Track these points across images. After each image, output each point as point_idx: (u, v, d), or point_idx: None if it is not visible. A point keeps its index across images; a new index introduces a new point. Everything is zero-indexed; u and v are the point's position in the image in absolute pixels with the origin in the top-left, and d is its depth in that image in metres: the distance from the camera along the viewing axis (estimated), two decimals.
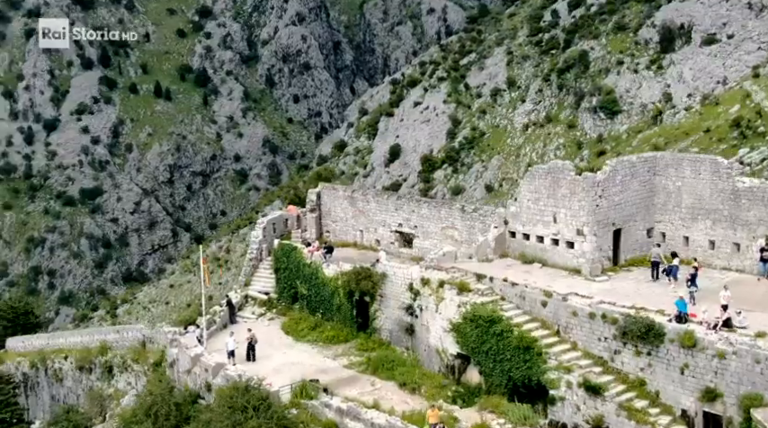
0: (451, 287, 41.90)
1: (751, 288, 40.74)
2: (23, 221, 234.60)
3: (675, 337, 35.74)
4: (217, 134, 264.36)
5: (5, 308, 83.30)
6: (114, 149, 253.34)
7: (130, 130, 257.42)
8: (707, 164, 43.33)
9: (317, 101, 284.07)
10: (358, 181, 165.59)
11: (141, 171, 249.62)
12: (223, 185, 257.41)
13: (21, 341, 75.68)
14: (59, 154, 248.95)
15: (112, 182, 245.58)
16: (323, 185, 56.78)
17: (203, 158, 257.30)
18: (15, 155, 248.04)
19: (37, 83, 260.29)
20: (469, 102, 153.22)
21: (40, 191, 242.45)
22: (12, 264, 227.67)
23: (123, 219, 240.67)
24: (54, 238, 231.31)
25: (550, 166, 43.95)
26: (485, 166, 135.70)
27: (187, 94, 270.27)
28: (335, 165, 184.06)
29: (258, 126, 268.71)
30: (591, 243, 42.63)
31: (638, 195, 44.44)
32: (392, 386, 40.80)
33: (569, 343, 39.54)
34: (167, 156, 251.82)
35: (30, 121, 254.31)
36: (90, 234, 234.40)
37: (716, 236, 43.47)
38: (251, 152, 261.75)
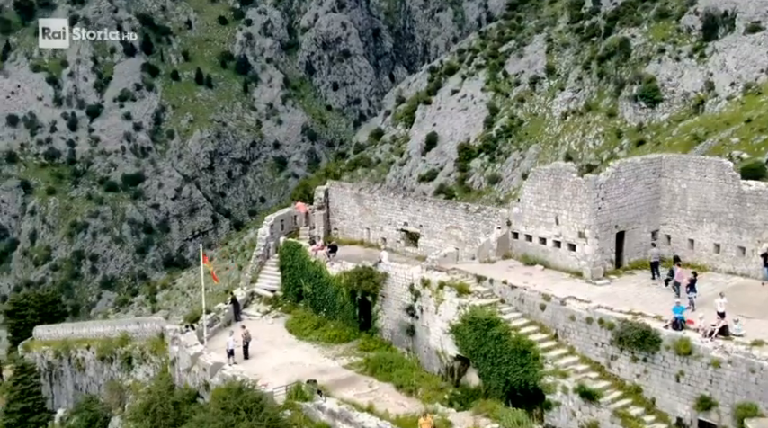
0: (451, 288, 41.68)
1: (754, 293, 40.04)
2: (67, 206, 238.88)
3: (671, 344, 35.24)
4: (256, 121, 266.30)
5: (33, 298, 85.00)
6: (156, 136, 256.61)
7: (172, 117, 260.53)
8: (712, 166, 42.51)
9: (355, 88, 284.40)
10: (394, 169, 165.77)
11: (182, 157, 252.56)
12: (262, 172, 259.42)
13: (47, 330, 77.20)
14: (102, 140, 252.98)
15: (154, 169, 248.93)
16: (331, 183, 56.84)
17: (243, 145, 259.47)
18: (59, 140, 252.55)
19: (81, 69, 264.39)
20: (508, 89, 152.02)
21: (84, 177, 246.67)
22: (55, 249, 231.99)
23: (164, 205, 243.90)
24: (96, 223, 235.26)
25: (552, 168, 43.50)
26: (522, 155, 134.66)
27: (228, 82, 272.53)
28: (372, 154, 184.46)
29: (297, 113, 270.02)
30: (592, 245, 42.13)
31: (643, 197, 43.78)
32: (389, 387, 40.80)
33: (567, 348, 39.18)
34: (208, 143, 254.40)
35: (73, 108, 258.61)
36: (132, 219, 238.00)
37: (721, 239, 42.68)
38: (290, 139, 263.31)
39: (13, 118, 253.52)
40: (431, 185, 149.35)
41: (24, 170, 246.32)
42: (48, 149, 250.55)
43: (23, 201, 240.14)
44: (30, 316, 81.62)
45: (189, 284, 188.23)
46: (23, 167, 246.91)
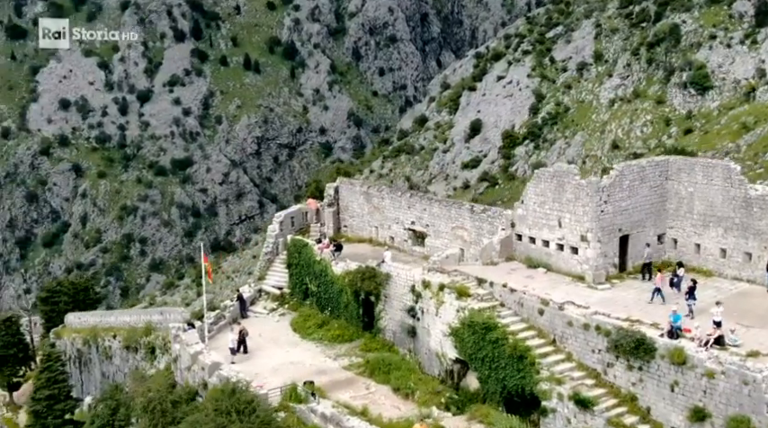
0: (451, 291, 41.60)
1: (758, 300, 39.24)
2: (117, 190, 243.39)
3: (666, 353, 34.82)
4: (303, 107, 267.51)
5: (66, 285, 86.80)
6: (204, 121, 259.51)
7: (220, 102, 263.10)
8: (719, 169, 41.66)
9: (402, 74, 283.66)
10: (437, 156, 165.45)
11: (230, 142, 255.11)
12: (308, 158, 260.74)
13: (77, 317, 78.84)
14: (152, 124, 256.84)
15: (202, 154, 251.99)
16: (341, 180, 56.87)
17: (290, 131, 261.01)
18: (110, 125, 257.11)
19: (131, 54, 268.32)
20: (554, 76, 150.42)
21: (134, 161, 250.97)
22: (105, 231, 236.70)
23: (212, 190, 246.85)
24: (146, 207, 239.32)
25: (555, 170, 43.00)
26: (568, 143, 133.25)
27: (275, 67, 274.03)
28: (416, 140, 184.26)
29: (343, 99, 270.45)
30: (595, 249, 41.65)
31: (648, 200, 43.07)
32: (387, 390, 40.84)
33: (564, 354, 38.88)
34: (255, 129, 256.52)
35: (124, 92, 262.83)
36: (180, 203, 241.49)
37: (727, 244, 41.87)
38: (336, 125, 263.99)
39: (66, 102, 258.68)
40: (474, 172, 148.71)
41: (76, 153, 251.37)
42: (99, 133, 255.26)
43: (75, 184, 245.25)
44: (62, 303, 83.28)
45: (234, 268, 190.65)
46: (75, 151, 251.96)
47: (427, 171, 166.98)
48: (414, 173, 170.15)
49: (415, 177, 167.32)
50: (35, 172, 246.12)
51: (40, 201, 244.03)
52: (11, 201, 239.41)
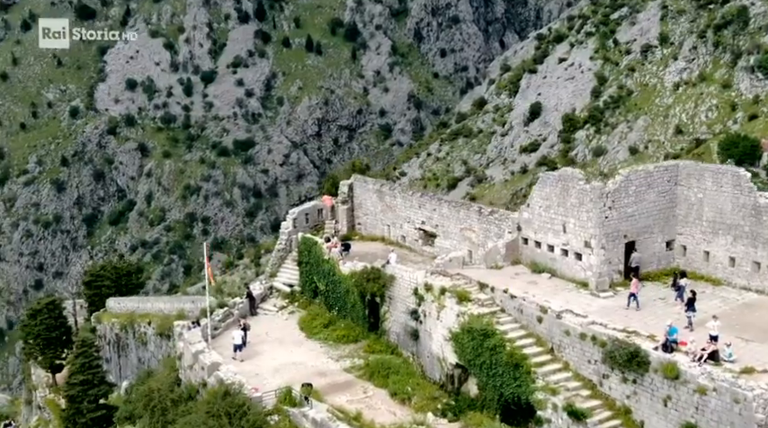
0: (452, 295, 41.26)
1: (764, 312, 38.04)
2: (181, 169, 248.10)
3: (659, 367, 34.11)
4: (363, 88, 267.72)
5: (109, 269, 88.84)
6: (266, 102, 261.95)
7: (282, 84, 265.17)
8: (728, 176, 40.34)
9: (463, 55, 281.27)
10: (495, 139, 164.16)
11: (291, 124, 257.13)
12: (368, 140, 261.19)
13: (117, 302, 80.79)
14: (215, 105, 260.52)
15: (264, 135, 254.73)
16: (355, 177, 56.67)
17: (350, 112, 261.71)
18: (175, 105, 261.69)
19: (196, 35, 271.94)
20: (617, 58, 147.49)
21: (197, 141, 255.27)
22: (169, 210, 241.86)
23: (273, 171, 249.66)
24: (209, 187, 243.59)
25: (561, 173, 42.16)
26: (630, 127, 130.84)
27: (337, 49, 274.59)
28: (474, 123, 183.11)
29: (404, 81, 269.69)
30: (598, 256, 40.78)
31: (656, 206, 41.94)
32: (384, 394, 40.61)
33: (561, 363, 38.29)
34: (316, 110, 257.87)
35: (189, 73, 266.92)
36: (242, 184, 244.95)
37: (736, 252, 40.59)
38: (396, 107, 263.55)
39: (132, 82, 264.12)
40: (532, 157, 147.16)
41: (142, 133, 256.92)
42: (164, 113, 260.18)
43: (140, 164, 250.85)
44: (105, 287, 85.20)
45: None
46: (141, 131, 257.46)
47: (485, 155, 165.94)
48: (471, 156, 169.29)
49: (472, 161, 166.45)
50: (102, 151, 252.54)
51: (106, 180, 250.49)
52: (78, 180, 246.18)
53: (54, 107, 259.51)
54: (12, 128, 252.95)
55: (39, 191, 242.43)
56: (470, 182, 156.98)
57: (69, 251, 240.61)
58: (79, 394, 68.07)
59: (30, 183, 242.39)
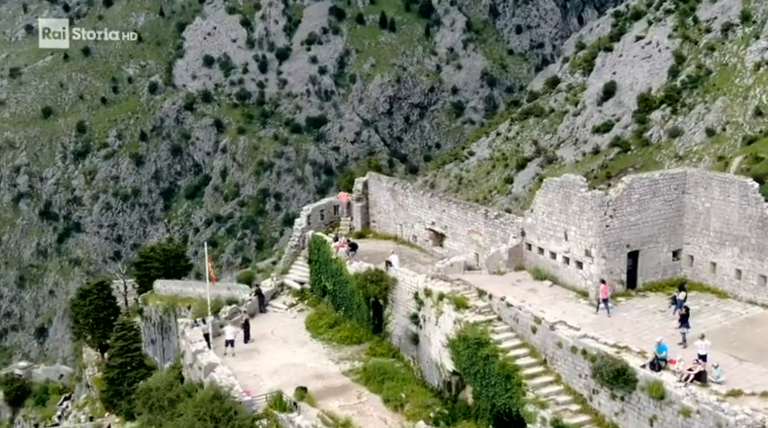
0: (450, 301, 40.76)
1: (765, 329, 36.53)
2: (255, 146, 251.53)
3: (646, 385, 33.22)
4: (436, 66, 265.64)
5: (158, 251, 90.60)
6: (339, 79, 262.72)
7: (355, 61, 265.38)
8: (736, 186, 38.65)
9: (540, 31, 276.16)
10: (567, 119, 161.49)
11: (363, 101, 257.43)
12: (439, 118, 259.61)
13: (163, 285, 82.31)
14: (289, 82, 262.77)
15: (336, 112, 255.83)
16: (370, 174, 56.21)
17: (422, 90, 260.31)
18: (250, 82, 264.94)
19: (272, 12, 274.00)
20: (697, 37, 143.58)
21: (271, 118, 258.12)
22: (243, 186, 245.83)
23: (344, 148, 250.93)
24: (281, 163, 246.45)
25: (563, 180, 41.02)
26: (707, 108, 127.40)
27: (410, 25, 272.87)
28: (546, 103, 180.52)
29: (478, 58, 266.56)
30: (599, 265, 39.72)
31: (662, 215, 40.47)
32: (378, 400, 40.29)
33: (554, 376, 37.48)
34: (387, 88, 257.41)
35: (264, 50, 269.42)
36: (314, 160, 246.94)
37: (743, 265, 38.96)
38: (468, 85, 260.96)
39: (209, 59, 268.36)
40: (605, 137, 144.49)
41: (218, 109, 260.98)
42: (239, 90, 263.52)
43: (216, 139, 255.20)
44: (154, 269, 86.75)
45: None
46: (217, 107, 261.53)
47: (556, 135, 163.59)
48: (541, 136, 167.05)
49: (543, 141, 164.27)
50: (180, 126, 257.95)
51: (183, 155, 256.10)
52: (156, 154, 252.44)
53: (134, 82, 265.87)
54: (93, 102, 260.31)
55: (118, 164, 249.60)
56: (540, 162, 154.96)
57: (147, 223, 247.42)
58: (118, 376, 70.20)
59: (109, 157, 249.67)
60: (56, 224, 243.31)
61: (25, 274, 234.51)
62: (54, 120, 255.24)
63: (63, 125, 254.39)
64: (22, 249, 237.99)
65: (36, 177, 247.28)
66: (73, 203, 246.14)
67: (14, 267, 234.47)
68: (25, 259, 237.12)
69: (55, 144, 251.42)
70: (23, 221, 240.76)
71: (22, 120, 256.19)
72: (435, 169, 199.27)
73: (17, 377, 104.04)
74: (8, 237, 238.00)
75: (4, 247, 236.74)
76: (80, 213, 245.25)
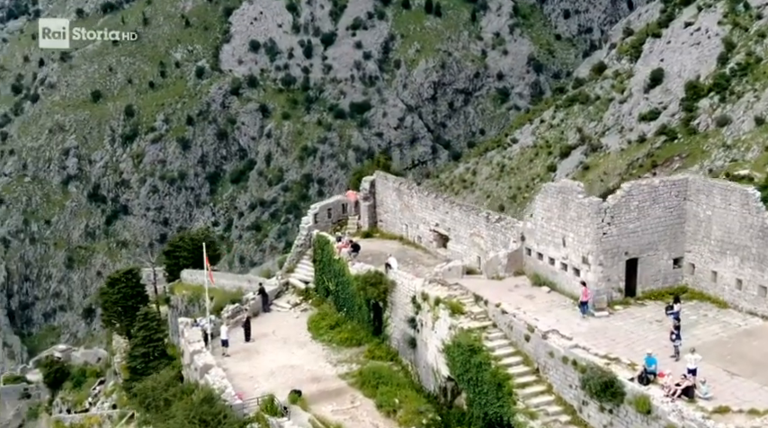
0: (445, 307, 40.40)
1: (762, 343, 35.44)
2: (299, 131, 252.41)
3: (633, 399, 32.67)
4: (482, 51, 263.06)
5: (187, 240, 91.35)
6: (383, 65, 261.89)
7: (400, 46, 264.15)
8: (737, 194, 37.53)
9: (588, 16, 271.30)
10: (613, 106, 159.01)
11: (407, 87, 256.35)
12: (484, 104, 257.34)
13: (189, 274, 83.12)
14: (334, 68, 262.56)
15: (380, 98, 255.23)
16: (377, 173, 55.76)
17: (467, 76, 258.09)
18: (295, 67, 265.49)
19: None
20: (748, 23, 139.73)
21: (315, 103, 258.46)
22: (287, 171, 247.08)
23: (387, 134, 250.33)
24: (324, 149, 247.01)
25: (561, 185, 40.21)
26: (757, 97, 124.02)
27: (456, 10, 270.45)
28: (591, 89, 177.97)
29: (524, 43, 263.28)
30: (595, 273, 38.94)
31: (662, 222, 39.45)
32: (371, 405, 40.01)
33: (545, 385, 37.01)
34: (432, 73, 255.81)
35: (309, 35, 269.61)
36: (357, 146, 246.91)
37: (743, 275, 37.84)
38: (514, 70, 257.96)
39: (255, 43, 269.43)
40: (651, 126, 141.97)
41: (263, 94, 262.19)
42: (285, 75, 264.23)
43: (261, 124, 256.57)
44: (182, 258, 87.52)
45: None
46: (262, 92, 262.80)
47: (601, 122, 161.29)
48: (586, 124, 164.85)
49: (588, 129, 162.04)
50: (226, 111, 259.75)
51: (229, 139, 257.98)
52: (203, 138, 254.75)
53: (181, 67, 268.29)
54: (141, 86, 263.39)
55: (165, 148, 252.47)
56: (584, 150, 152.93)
57: (193, 207, 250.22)
58: (140, 366, 70.99)
59: (157, 141, 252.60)
60: (104, 206, 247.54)
61: (74, 255, 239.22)
62: (103, 103, 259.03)
63: (112, 109, 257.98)
64: (71, 230, 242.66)
65: (85, 160, 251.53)
66: (121, 186, 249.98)
67: (63, 248, 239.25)
68: (74, 240, 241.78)
69: (104, 127, 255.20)
70: (72, 203, 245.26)
71: (72, 103, 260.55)
72: (477, 156, 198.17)
73: (56, 359, 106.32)
74: (57, 219, 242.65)
75: (53, 229, 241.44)
76: (128, 196, 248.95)
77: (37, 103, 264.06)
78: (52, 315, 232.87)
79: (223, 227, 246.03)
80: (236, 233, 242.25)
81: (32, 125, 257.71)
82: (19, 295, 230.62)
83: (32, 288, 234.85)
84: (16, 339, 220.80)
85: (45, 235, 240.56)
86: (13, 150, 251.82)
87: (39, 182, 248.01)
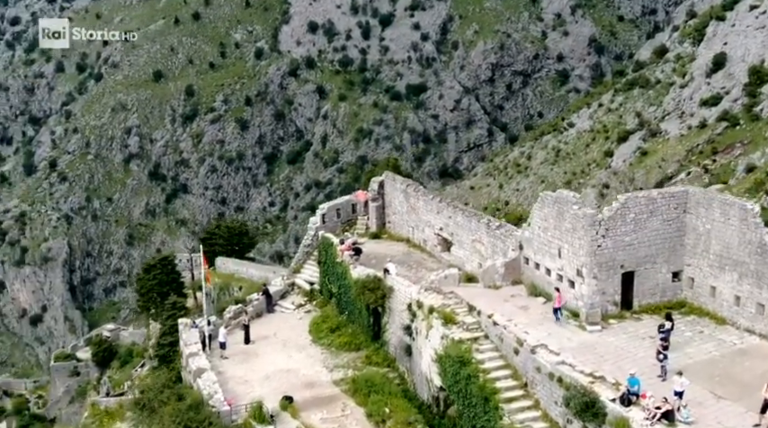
0: (438, 316, 39.92)
1: (755, 363, 34.20)
2: (355, 113, 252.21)
3: (614, 421, 31.94)
4: (542, 32, 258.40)
5: (223, 228, 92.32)
6: (441, 46, 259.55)
7: (458, 27, 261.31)
8: (736, 208, 36.07)
9: None
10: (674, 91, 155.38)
11: (464, 69, 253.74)
12: (543, 86, 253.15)
13: (223, 262, 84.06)
14: (391, 49, 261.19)
15: (436, 80, 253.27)
16: (386, 174, 55.05)
17: (525, 57, 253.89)
18: (353, 48, 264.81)
19: None
20: None
21: (372, 85, 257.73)
22: (342, 152, 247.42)
23: (443, 116, 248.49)
24: (380, 131, 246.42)
25: (557, 196, 39.20)
26: None
27: None
28: (652, 73, 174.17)
29: (586, 24, 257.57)
30: (590, 286, 37.94)
31: (660, 234, 38.14)
32: (361, 413, 39.60)
33: (533, 400, 36.36)
34: (490, 55, 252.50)
35: (368, 16, 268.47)
36: (412, 128, 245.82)
37: (742, 291, 36.47)
38: (575, 52, 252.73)
39: (314, 25, 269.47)
40: (713, 111, 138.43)
41: (320, 76, 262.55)
42: (342, 57, 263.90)
43: (318, 106, 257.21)
44: (218, 246, 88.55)
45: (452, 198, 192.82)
46: (320, 73, 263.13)
47: (660, 107, 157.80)
48: (645, 108, 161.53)
49: (647, 113, 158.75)
50: (283, 92, 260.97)
51: (286, 120, 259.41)
52: (260, 119, 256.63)
53: (241, 48, 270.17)
54: (202, 67, 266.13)
55: (224, 128, 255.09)
56: (643, 135, 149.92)
57: (250, 187, 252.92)
58: (168, 354, 72.24)
59: (216, 121, 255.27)
60: (164, 185, 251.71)
61: (134, 232, 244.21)
62: (164, 83, 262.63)
63: (173, 88, 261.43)
64: (132, 208, 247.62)
65: (146, 139, 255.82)
66: (180, 165, 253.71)
67: (124, 225, 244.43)
68: (134, 218, 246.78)
69: (164, 107, 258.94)
70: (134, 181, 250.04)
71: (134, 82, 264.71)
72: (532, 140, 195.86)
73: (105, 338, 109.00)
74: (119, 196, 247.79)
75: (114, 206, 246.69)
76: (187, 175, 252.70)
77: (100, 82, 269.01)
78: (112, 290, 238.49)
79: (279, 208, 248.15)
80: (291, 213, 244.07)
81: (96, 104, 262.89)
82: (80, 270, 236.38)
83: (94, 263, 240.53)
84: (77, 314, 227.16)
85: (107, 212, 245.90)
86: (76, 128, 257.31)
87: (101, 160, 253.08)
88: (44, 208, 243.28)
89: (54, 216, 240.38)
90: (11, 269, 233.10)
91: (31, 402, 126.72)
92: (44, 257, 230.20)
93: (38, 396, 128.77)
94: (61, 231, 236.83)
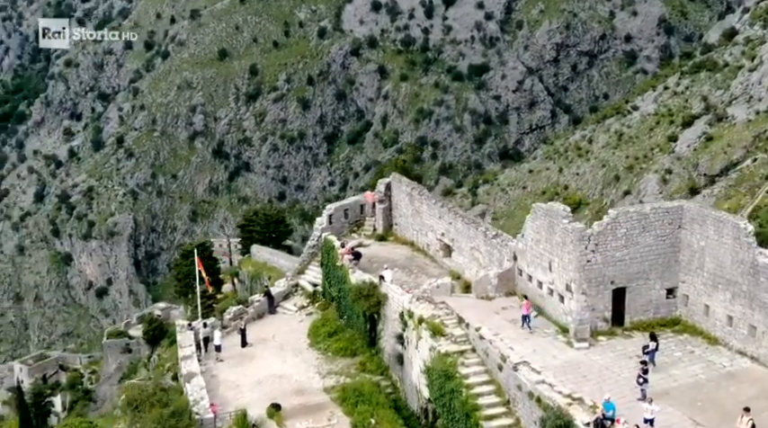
0: (427, 327, 39.24)
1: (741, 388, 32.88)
2: (416, 93, 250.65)
3: None
4: (610, 12, 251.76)
5: (260, 216, 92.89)
6: (505, 26, 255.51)
7: (523, 6, 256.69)
8: (729, 226, 34.45)
9: None
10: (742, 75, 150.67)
11: (528, 49, 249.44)
12: (609, 67, 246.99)
13: (257, 250, 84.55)
14: (454, 29, 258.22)
15: (499, 60, 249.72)
16: (393, 176, 54.07)
17: (592, 37, 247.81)
18: (415, 28, 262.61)
19: None
20: None
21: (434, 65, 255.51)
22: (402, 133, 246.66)
23: (505, 97, 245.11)
24: (440, 111, 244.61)
25: (548, 208, 37.95)
26: None
27: None
28: (720, 56, 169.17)
29: (655, 4, 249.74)
30: (578, 302, 36.83)
31: (653, 250, 36.62)
32: (347, 424, 38.85)
33: (514, 418, 35.55)
34: (555, 35, 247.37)
35: None
36: (473, 109, 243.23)
37: (734, 311, 34.91)
38: (643, 32, 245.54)
39: (377, 4, 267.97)
40: None
41: (382, 55, 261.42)
42: (404, 36, 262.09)
43: (379, 86, 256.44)
44: (255, 233, 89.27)
45: (509, 181, 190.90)
46: (381, 53, 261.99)
47: (728, 91, 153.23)
48: (712, 92, 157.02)
49: (713, 97, 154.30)
50: (345, 71, 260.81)
51: (347, 100, 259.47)
52: (322, 99, 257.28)
53: (304, 27, 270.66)
54: (266, 45, 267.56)
55: (286, 107, 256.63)
56: (709, 120, 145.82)
57: (310, 166, 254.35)
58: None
59: (278, 100, 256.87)
60: (227, 162, 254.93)
61: (197, 209, 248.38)
62: (229, 62, 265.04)
63: (237, 67, 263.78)
64: (196, 185, 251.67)
65: (210, 117, 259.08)
66: (243, 143, 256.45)
67: (188, 202, 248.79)
68: (198, 195, 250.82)
69: (229, 85, 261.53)
70: (197, 159, 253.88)
71: (200, 60, 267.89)
72: (595, 123, 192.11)
73: (156, 317, 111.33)
74: (183, 173, 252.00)
75: (179, 183, 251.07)
76: (249, 153, 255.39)
77: (167, 60, 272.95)
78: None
79: (339, 187, 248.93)
80: (350, 193, 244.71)
81: (162, 81, 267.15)
82: (145, 245, 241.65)
83: (158, 239, 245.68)
84: (141, 287, 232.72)
85: (171, 188, 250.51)
86: (143, 105, 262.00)
87: (167, 137, 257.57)
88: (111, 183, 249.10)
89: (120, 191, 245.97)
90: (78, 242, 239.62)
91: (85, 377, 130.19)
92: (110, 231, 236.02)
93: (91, 371, 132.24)
94: (127, 206, 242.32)
